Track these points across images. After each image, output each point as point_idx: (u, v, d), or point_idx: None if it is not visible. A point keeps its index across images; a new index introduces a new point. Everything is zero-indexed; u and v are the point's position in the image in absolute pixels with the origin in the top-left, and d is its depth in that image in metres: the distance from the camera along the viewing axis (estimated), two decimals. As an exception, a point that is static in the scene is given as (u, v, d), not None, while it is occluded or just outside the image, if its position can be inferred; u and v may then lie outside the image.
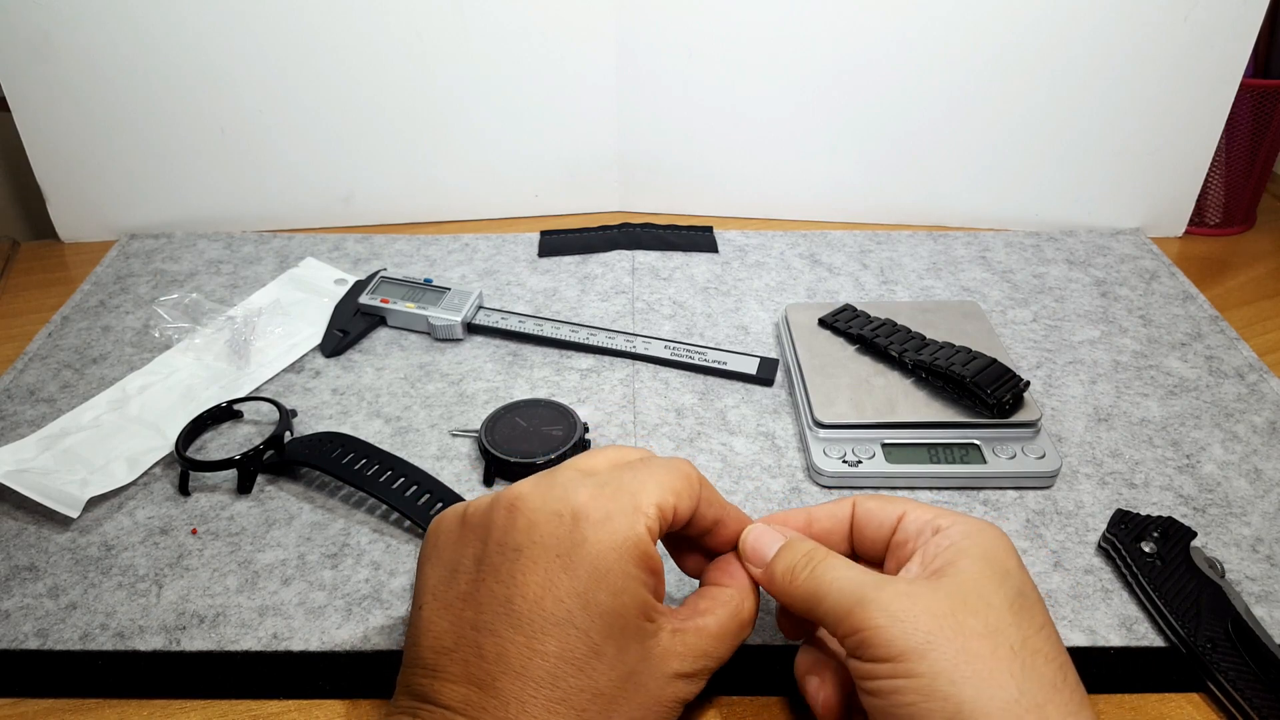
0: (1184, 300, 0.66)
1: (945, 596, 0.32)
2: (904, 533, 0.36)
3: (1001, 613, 0.31)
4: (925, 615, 0.31)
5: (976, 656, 0.30)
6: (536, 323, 0.62)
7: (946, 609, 0.31)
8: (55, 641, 0.42)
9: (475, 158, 0.76)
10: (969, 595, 0.32)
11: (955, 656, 0.30)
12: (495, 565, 0.33)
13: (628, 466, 0.36)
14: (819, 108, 0.72)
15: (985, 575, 0.33)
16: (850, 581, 0.33)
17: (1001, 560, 0.33)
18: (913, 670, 0.30)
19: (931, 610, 0.31)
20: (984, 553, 0.33)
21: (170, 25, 0.67)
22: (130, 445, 0.52)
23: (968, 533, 0.34)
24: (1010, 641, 0.31)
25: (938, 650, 0.30)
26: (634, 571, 0.33)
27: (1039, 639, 0.31)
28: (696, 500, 0.36)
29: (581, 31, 0.70)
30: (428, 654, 0.33)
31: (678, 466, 0.36)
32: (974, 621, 0.31)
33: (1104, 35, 0.67)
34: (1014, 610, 0.32)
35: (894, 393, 0.53)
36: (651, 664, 0.33)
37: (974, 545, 0.34)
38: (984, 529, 0.35)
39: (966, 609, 0.31)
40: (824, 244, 0.73)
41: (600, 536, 0.32)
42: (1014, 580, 0.33)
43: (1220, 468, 0.51)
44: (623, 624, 0.32)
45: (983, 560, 0.33)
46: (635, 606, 0.32)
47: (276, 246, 0.73)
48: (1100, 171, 0.73)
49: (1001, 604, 0.32)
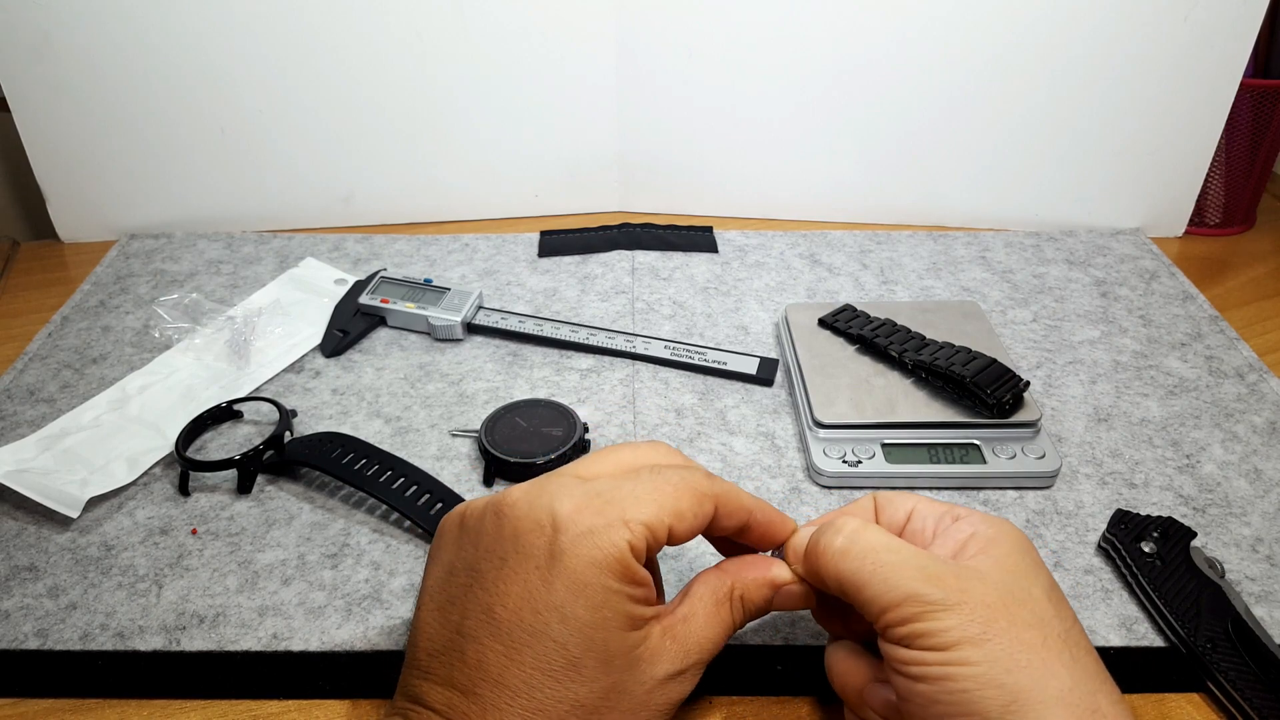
0: (1184, 300, 0.66)
1: (993, 586, 0.32)
2: (920, 521, 0.36)
3: (1043, 604, 0.32)
4: (980, 605, 0.31)
5: (1029, 646, 0.30)
6: (536, 323, 0.62)
7: (997, 598, 0.31)
8: (55, 641, 0.42)
9: (475, 158, 0.76)
10: (1013, 585, 0.32)
11: (1011, 645, 0.30)
12: (482, 572, 0.33)
13: (632, 475, 0.34)
14: (819, 108, 0.72)
15: (1022, 566, 0.33)
16: (898, 572, 0.32)
17: (1030, 553, 0.34)
18: (968, 659, 0.30)
19: (985, 600, 0.31)
20: (1010, 549, 0.34)
21: (170, 25, 0.67)
22: (130, 445, 0.52)
23: (990, 523, 0.35)
24: (1057, 632, 0.31)
25: (994, 640, 0.30)
26: (614, 585, 0.32)
27: (1076, 631, 0.32)
28: (705, 519, 0.34)
29: (581, 31, 0.70)
30: (421, 655, 0.33)
31: (690, 482, 0.34)
32: (1023, 612, 0.31)
33: (1104, 35, 0.67)
34: (1052, 602, 0.32)
35: (894, 393, 0.53)
36: (639, 671, 0.32)
37: (1003, 537, 0.34)
38: (1004, 522, 0.35)
39: (1014, 599, 0.31)
40: (824, 244, 0.73)
41: (579, 550, 0.32)
42: (1044, 573, 0.33)
43: (1220, 468, 0.51)
44: (604, 637, 0.31)
45: (1011, 556, 0.33)
46: (616, 620, 0.32)
47: (276, 246, 0.73)
48: (1100, 171, 0.73)
49: (1041, 595, 0.32)
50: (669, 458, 0.36)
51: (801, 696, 0.40)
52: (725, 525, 0.36)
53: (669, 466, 0.35)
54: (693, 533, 0.34)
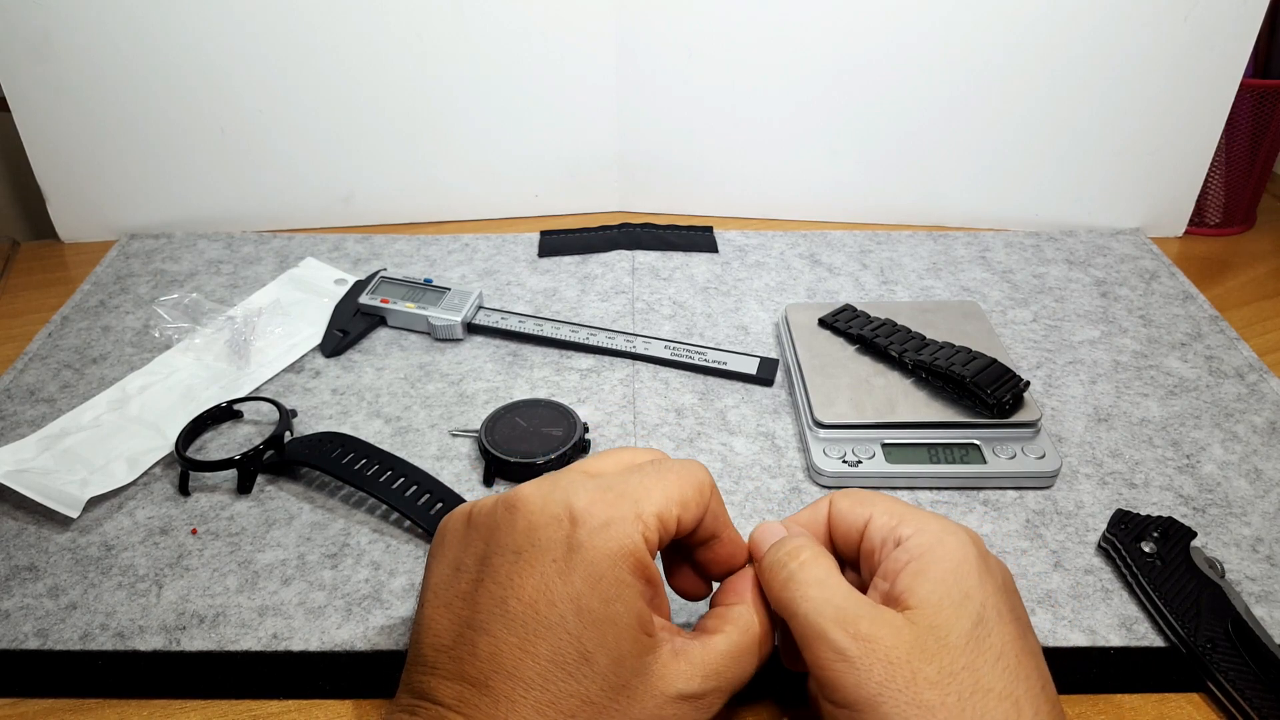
0: (1184, 300, 0.66)
1: (901, 640, 0.31)
2: (870, 541, 0.36)
3: (956, 654, 0.31)
4: (880, 664, 0.31)
5: (928, 709, 0.30)
6: (536, 323, 0.62)
7: (902, 655, 0.31)
8: (55, 641, 0.42)
9: (475, 158, 0.76)
10: (925, 637, 0.31)
11: (906, 708, 0.30)
12: (495, 566, 0.33)
13: (636, 470, 0.35)
14: (819, 108, 0.72)
15: (944, 604, 0.32)
16: (816, 610, 0.32)
17: (961, 580, 0.32)
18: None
19: (887, 658, 0.31)
20: (943, 574, 0.32)
21: (170, 25, 0.67)
22: (130, 445, 0.52)
23: (928, 545, 0.33)
24: (961, 689, 0.30)
25: (889, 703, 0.30)
26: (629, 580, 0.32)
27: (993, 674, 0.31)
28: (705, 510, 0.35)
29: (581, 31, 0.70)
30: (428, 651, 0.33)
31: (691, 473, 0.35)
32: (928, 669, 0.30)
33: (1104, 35, 0.67)
34: (970, 646, 0.31)
35: (894, 393, 0.53)
36: (649, 682, 0.32)
37: (933, 564, 0.33)
38: (944, 538, 0.34)
39: (923, 653, 0.31)
40: (824, 244, 0.73)
41: (596, 542, 0.32)
42: (973, 604, 0.32)
43: (1220, 468, 0.51)
44: (616, 633, 0.32)
45: (942, 585, 0.32)
46: (629, 616, 0.32)
47: (276, 246, 0.73)
48: (1100, 171, 0.73)
49: (958, 642, 0.31)
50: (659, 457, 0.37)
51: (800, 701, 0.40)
52: (710, 524, 0.36)
53: (668, 461, 0.36)
54: (696, 522, 0.35)
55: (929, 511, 0.36)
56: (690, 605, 0.43)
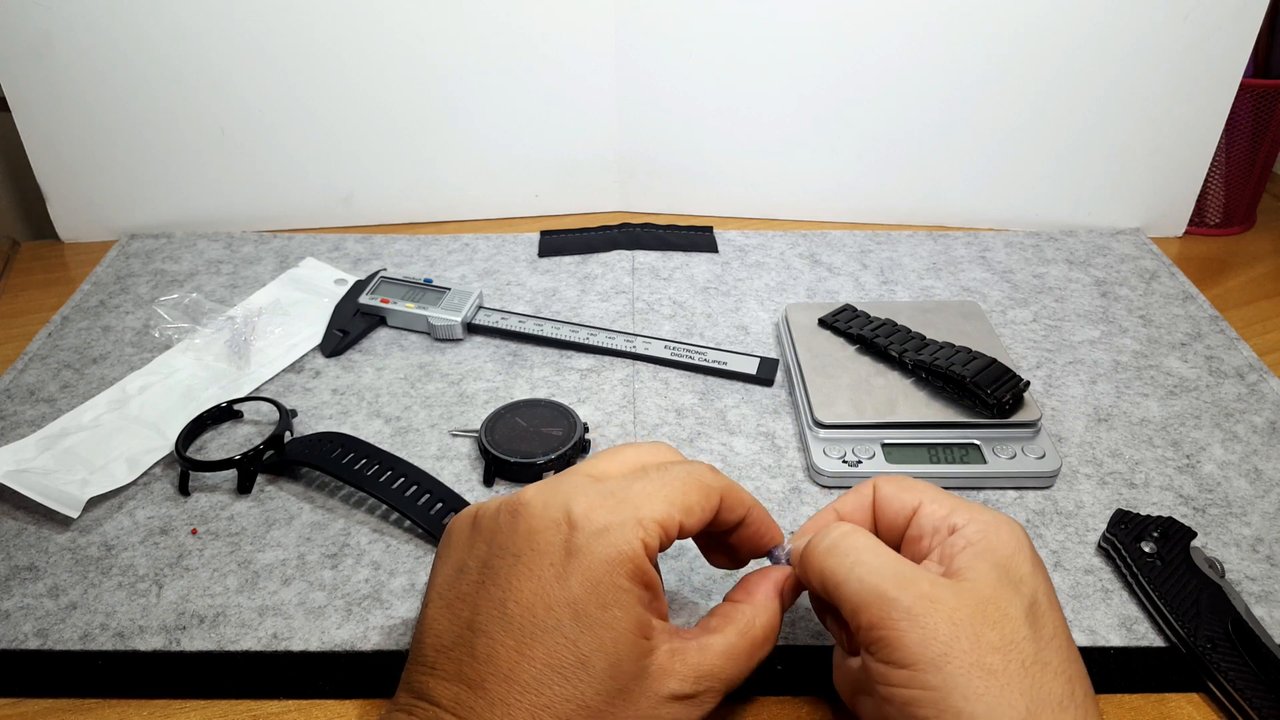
0: (1184, 300, 0.66)
1: (965, 604, 0.31)
2: (918, 528, 0.36)
3: (1017, 624, 0.31)
4: (945, 623, 0.31)
5: (991, 672, 0.30)
6: (536, 323, 0.62)
7: (965, 617, 0.31)
8: (55, 641, 0.42)
9: (475, 158, 0.76)
10: (987, 604, 0.31)
11: (970, 670, 0.30)
12: (495, 569, 0.33)
13: (641, 474, 0.35)
14: (819, 108, 0.72)
15: (1002, 583, 0.32)
16: (874, 572, 0.33)
17: (1017, 565, 0.33)
18: (928, 682, 0.30)
19: (951, 618, 0.31)
20: (1000, 558, 0.33)
21: (170, 25, 0.67)
22: (130, 445, 0.52)
23: (983, 533, 0.34)
24: (1023, 657, 0.30)
25: (954, 663, 0.30)
26: (627, 585, 0.32)
27: (1049, 650, 0.31)
28: (712, 512, 0.35)
29: (581, 31, 0.70)
30: (429, 651, 0.33)
31: (697, 477, 0.35)
32: (991, 634, 0.31)
33: (1104, 35, 0.67)
34: (1029, 621, 0.31)
35: (894, 393, 0.53)
36: (646, 684, 0.32)
37: (990, 548, 0.33)
38: (999, 528, 0.34)
39: (985, 619, 0.31)
40: (824, 244, 0.73)
41: (594, 547, 0.32)
42: (1028, 587, 0.33)
43: (1220, 468, 0.51)
44: (613, 637, 0.32)
45: (999, 567, 0.33)
46: (626, 621, 0.32)
47: (276, 246, 0.73)
48: (1100, 171, 0.73)
49: (1018, 614, 0.31)
50: (671, 457, 0.37)
51: (801, 696, 0.40)
52: (726, 519, 0.37)
53: (675, 463, 0.36)
54: (701, 526, 0.35)
55: (977, 503, 0.36)
56: (690, 606, 0.43)
